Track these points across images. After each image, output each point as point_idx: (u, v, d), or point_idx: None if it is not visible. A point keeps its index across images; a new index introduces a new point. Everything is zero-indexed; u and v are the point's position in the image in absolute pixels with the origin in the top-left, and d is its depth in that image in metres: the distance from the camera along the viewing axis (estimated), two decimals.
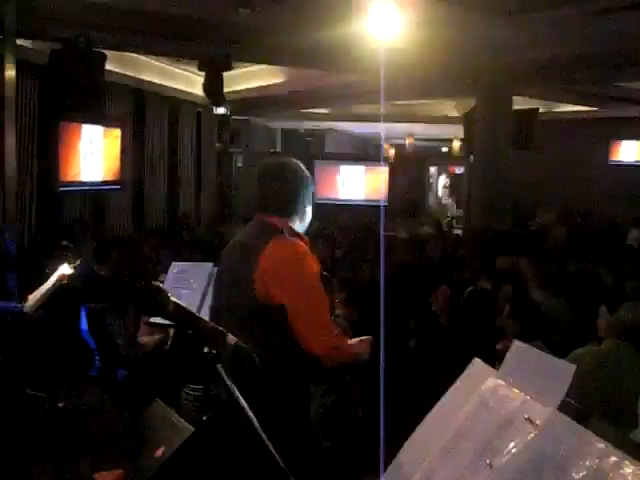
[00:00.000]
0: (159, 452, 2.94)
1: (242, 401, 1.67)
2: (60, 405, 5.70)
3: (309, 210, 3.23)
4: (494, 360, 1.82)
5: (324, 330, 2.91)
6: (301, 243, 3.01)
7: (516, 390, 1.49)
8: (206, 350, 1.69)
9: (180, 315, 1.77)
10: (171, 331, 4.05)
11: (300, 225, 3.18)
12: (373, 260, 8.15)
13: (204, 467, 2.52)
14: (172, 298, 1.77)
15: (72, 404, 3.26)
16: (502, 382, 1.55)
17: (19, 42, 7.97)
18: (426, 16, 8.52)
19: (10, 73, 7.69)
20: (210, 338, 1.73)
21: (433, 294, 6.13)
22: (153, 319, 2.73)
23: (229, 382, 1.67)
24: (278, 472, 1.69)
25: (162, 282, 3.77)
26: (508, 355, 1.60)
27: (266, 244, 2.89)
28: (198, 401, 4.54)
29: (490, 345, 4.68)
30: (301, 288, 2.89)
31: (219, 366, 1.67)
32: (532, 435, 1.35)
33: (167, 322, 2.53)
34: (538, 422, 1.36)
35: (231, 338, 1.79)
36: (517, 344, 1.60)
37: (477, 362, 1.76)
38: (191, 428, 3.33)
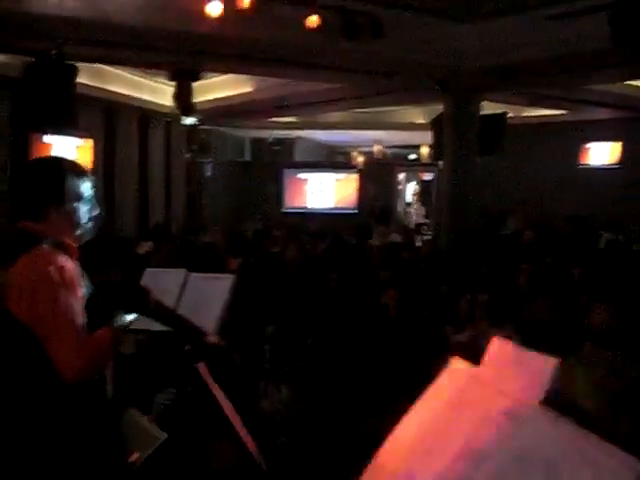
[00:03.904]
0: (133, 457, 2.96)
1: (220, 397, 1.69)
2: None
3: (67, 212, 2.79)
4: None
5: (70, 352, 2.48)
6: (54, 257, 2.61)
7: (497, 386, 1.51)
8: (186, 348, 1.71)
9: (161, 313, 1.78)
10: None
11: (58, 229, 2.76)
12: (343, 269, 8.15)
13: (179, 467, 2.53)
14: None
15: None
16: (482, 379, 1.57)
17: None
18: (392, 23, 8.63)
19: None
20: (190, 337, 1.74)
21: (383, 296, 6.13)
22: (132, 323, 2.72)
23: (208, 379, 1.68)
24: (255, 468, 1.70)
25: None
26: (488, 351, 1.63)
27: (17, 258, 2.58)
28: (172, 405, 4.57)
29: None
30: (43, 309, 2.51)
31: (199, 364, 1.68)
32: (515, 431, 1.37)
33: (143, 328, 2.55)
34: (521, 417, 1.38)
35: (210, 337, 1.80)
36: (496, 340, 1.62)
37: (455, 360, 1.78)
38: (164, 434, 3.35)
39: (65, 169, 2.84)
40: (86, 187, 2.87)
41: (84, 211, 2.84)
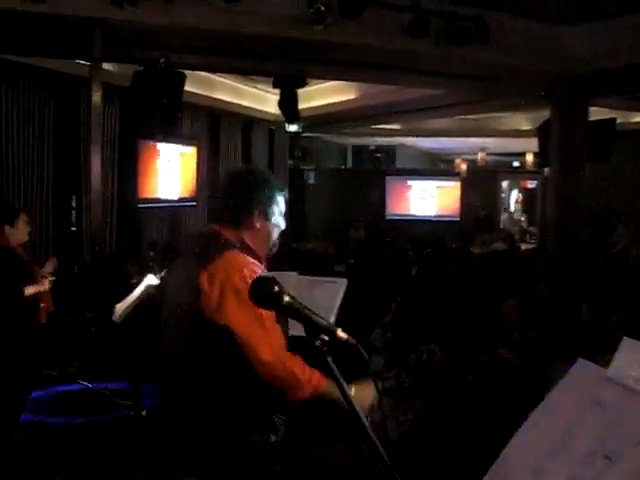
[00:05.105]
0: None
1: (351, 397, 1.67)
2: (143, 414, 5.84)
3: (270, 224, 2.94)
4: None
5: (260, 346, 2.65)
6: (246, 260, 2.74)
7: (630, 385, 1.46)
8: (317, 344, 1.70)
9: (295, 308, 1.78)
10: None
11: (257, 239, 2.90)
12: (450, 276, 8.08)
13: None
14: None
15: None
16: (614, 379, 1.53)
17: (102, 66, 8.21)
18: (498, 27, 8.51)
19: (96, 96, 7.95)
20: (322, 332, 1.74)
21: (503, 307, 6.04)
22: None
23: (339, 376, 1.67)
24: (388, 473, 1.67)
25: None
26: (618, 352, 1.58)
27: (215, 258, 2.70)
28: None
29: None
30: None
31: (330, 360, 1.68)
32: None
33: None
34: None
35: (341, 333, 1.79)
36: (627, 340, 1.58)
37: (582, 361, 1.73)
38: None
39: (274, 184, 2.99)
40: (283, 202, 3.02)
41: (280, 225, 2.99)
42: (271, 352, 2.60)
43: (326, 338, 1.72)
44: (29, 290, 5.76)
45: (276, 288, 1.76)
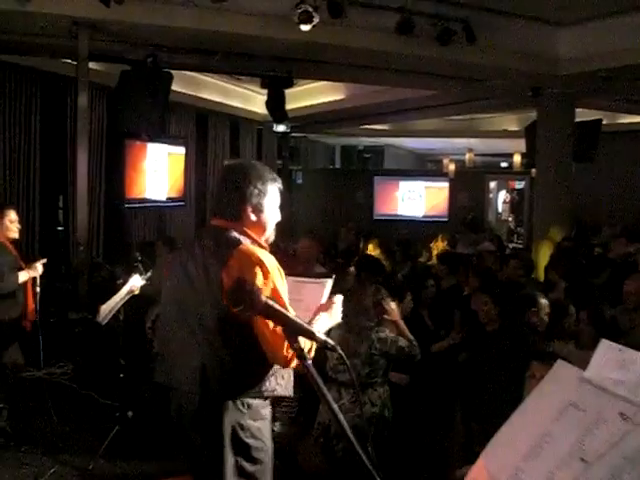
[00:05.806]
0: None
1: (329, 397, 1.68)
2: (129, 414, 5.83)
3: (264, 216, 3.06)
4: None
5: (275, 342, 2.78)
6: (257, 252, 2.85)
7: (607, 388, 1.47)
8: (296, 346, 1.71)
9: (271, 310, 1.78)
10: None
11: (256, 231, 3.04)
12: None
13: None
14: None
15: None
16: (591, 381, 1.53)
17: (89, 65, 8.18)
18: (485, 28, 8.53)
19: (83, 96, 7.93)
20: (301, 334, 1.74)
21: (473, 302, 5.99)
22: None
23: (317, 377, 1.67)
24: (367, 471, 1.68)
25: None
26: (596, 354, 1.59)
27: (231, 254, 2.81)
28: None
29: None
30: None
31: (309, 363, 1.68)
32: (628, 431, 1.33)
33: None
34: (633, 418, 1.35)
35: (321, 335, 1.80)
36: (604, 342, 1.58)
37: (561, 363, 1.74)
38: None
39: (267, 176, 3.07)
40: (277, 193, 3.13)
41: (275, 217, 3.12)
42: (286, 352, 2.70)
43: (305, 340, 1.73)
44: (22, 277, 5.76)
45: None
